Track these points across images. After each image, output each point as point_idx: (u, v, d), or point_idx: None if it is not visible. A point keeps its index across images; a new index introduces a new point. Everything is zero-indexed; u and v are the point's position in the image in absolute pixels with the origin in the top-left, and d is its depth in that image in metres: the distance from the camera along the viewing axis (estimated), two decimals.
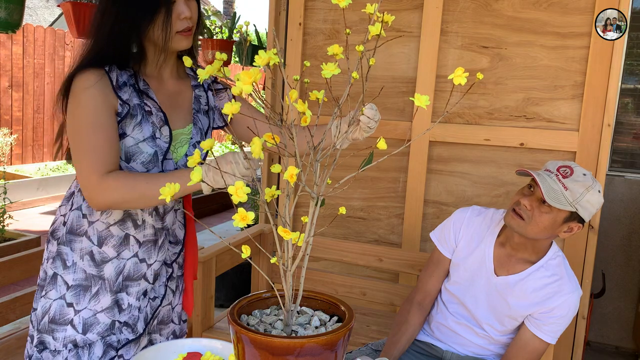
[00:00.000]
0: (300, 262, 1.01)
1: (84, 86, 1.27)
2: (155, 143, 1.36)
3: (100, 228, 1.38)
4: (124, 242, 1.40)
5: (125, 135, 1.33)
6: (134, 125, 1.33)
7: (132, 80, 1.35)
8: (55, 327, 1.36)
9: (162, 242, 1.46)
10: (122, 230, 1.39)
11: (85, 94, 1.27)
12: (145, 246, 1.42)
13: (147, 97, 1.37)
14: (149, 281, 1.45)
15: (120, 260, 1.40)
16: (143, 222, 1.41)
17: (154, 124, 1.36)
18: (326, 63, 0.95)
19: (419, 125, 2.42)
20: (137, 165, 1.35)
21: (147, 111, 1.36)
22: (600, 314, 3.27)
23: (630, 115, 3.39)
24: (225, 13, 16.33)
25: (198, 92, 1.51)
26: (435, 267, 1.76)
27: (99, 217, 1.37)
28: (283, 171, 0.94)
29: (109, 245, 1.38)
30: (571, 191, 1.46)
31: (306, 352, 0.93)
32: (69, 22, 2.99)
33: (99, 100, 1.28)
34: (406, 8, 2.46)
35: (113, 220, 1.38)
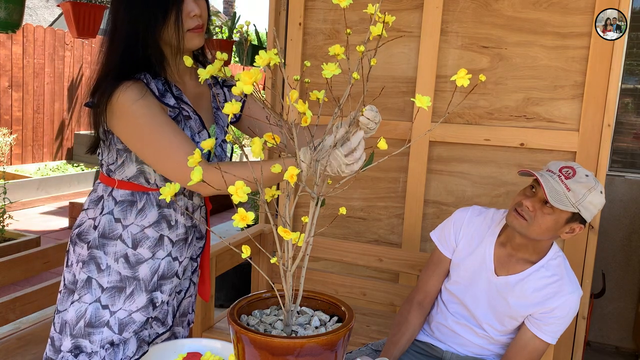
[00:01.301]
0: (300, 262, 1.01)
1: (132, 100, 1.27)
2: (197, 146, 1.37)
3: (134, 231, 1.39)
4: (158, 243, 1.41)
5: None
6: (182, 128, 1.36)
7: (166, 87, 1.36)
8: (92, 331, 1.36)
9: (191, 240, 1.49)
10: (157, 231, 1.41)
11: (136, 105, 1.27)
12: (177, 245, 1.45)
13: (182, 102, 1.39)
14: (179, 277, 1.48)
15: (155, 260, 1.41)
16: (176, 222, 1.44)
17: (192, 128, 1.39)
18: (326, 63, 0.95)
19: (420, 126, 2.42)
20: None
21: (185, 116, 1.38)
22: (600, 314, 3.27)
23: (630, 115, 3.39)
24: (225, 13, 16.34)
25: (216, 90, 1.54)
26: (435, 267, 1.76)
27: (134, 220, 1.39)
28: (283, 171, 0.94)
29: (144, 247, 1.40)
30: (574, 192, 1.46)
31: (306, 352, 0.93)
32: (69, 22, 3.00)
33: (153, 107, 1.29)
34: (406, 8, 2.45)
35: (148, 223, 1.40)
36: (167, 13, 1.31)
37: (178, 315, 1.56)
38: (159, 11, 1.31)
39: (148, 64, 1.34)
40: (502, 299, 1.62)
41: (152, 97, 1.30)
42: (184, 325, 1.60)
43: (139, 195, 1.40)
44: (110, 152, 1.39)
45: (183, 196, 1.44)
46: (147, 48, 1.33)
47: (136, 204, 1.40)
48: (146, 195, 1.40)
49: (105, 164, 1.41)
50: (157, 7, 1.31)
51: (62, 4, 2.98)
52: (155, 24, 1.31)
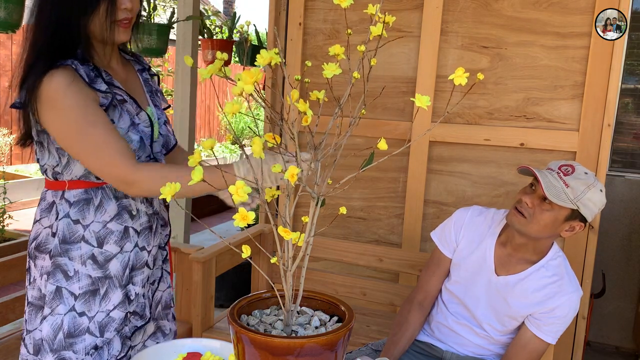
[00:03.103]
0: (300, 262, 1.01)
1: (61, 89, 1.22)
2: (138, 129, 1.35)
3: (97, 229, 1.35)
4: (124, 236, 1.38)
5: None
6: (117, 115, 1.31)
7: (95, 72, 1.30)
8: (74, 340, 1.33)
9: (156, 227, 1.47)
10: (120, 224, 1.37)
11: (66, 94, 1.22)
12: (143, 234, 1.42)
13: (114, 86, 1.34)
14: (150, 267, 1.46)
15: (124, 253, 1.38)
16: (137, 211, 1.40)
17: (129, 111, 1.35)
18: (326, 63, 0.95)
19: (419, 126, 2.42)
20: None
21: (119, 100, 1.33)
22: (600, 314, 3.27)
23: (630, 115, 3.39)
24: (225, 13, 16.34)
25: (145, 76, 1.51)
26: (435, 267, 1.76)
27: (94, 217, 1.35)
28: (283, 171, 0.94)
29: (110, 242, 1.36)
30: (572, 188, 1.46)
31: (306, 352, 0.93)
32: None
33: (83, 96, 1.24)
34: (406, 8, 2.45)
35: (109, 217, 1.36)
36: (98, 5, 1.27)
37: (160, 307, 1.54)
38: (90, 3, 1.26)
39: (75, 49, 1.29)
40: (502, 298, 1.62)
41: (83, 84, 1.25)
42: (169, 318, 1.58)
43: (93, 191, 1.35)
44: (50, 154, 1.33)
45: None
46: (76, 32, 1.28)
47: (92, 200, 1.35)
48: (101, 190, 1.35)
49: (50, 168, 1.35)
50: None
51: None
52: (85, 8, 1.26)
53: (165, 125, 1.48)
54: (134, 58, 1.51)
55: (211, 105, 10.77)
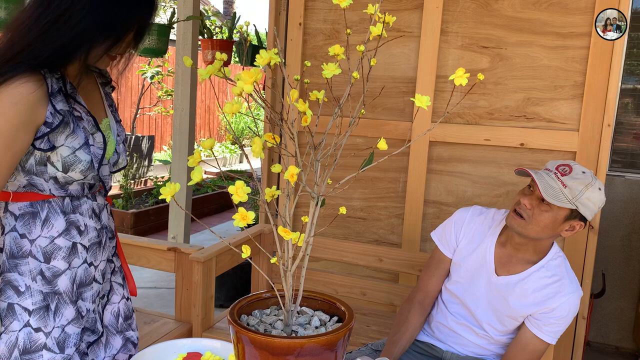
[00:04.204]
0: (300, 262, 1.01)
1: (15, 99, 1.14)
2: (90, 150, 1.28)
3: (43, 244, 1.29)
4: (72, 252, 1.32)
5: (56, 147, 1.23)
6: (67, 134, 1.24)
7: (60, 84, 1.24)
8: (30, 357, 1.27)
9: (105, 241, 1.42)
10: (69, 240, 1.31)
11: (14, 107, 1.14)
12: (91, 250, 1.37)
13: (74, 101, 1.28)
14: (99, 282, 1.42)
15: (72, 269, 1.33)
16: (86, 226, 1.35)
17: (86, 130, 1.28)
18: (326, 63, 0.95)
19: (419, 126, 2.43)
20: (75, 175, 1.26)
21: (77, 117, 1.27)
22: (600, 314, 3.27)
23: (630, 115, 3.39)
24: (225, 13, 16.34)
25: (107, 89, 1.47)
26: (436, 267, 1.76)
27: (40, 232, 1.28)
28: (283, 171, 0.94)
29: (57, 258, 1.30)
30: (570, 189, 1.46)
31: (306, 352, 0.93)
32: None
33: (25, 117, 1.16)
34: (406, 8, 2.46)
35: (57, 232, 1.30)
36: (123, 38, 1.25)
37: (122, 319, 1.50)
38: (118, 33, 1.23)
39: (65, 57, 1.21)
40: (502, 299, 1.62)
41: (39, 99, 1.17)
42: (132, 327, 1.54)
43: (39, 204, 1.28)
44: None
45: (87, 199, 1.34)
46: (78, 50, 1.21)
47: (39, 214, 1.28)
48: (47, 204, 1.29)
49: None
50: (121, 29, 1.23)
51: None
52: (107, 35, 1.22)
53: (122, 144, 1.42)
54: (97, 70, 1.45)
55: (211, 105, 10.77)
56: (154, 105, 8.97)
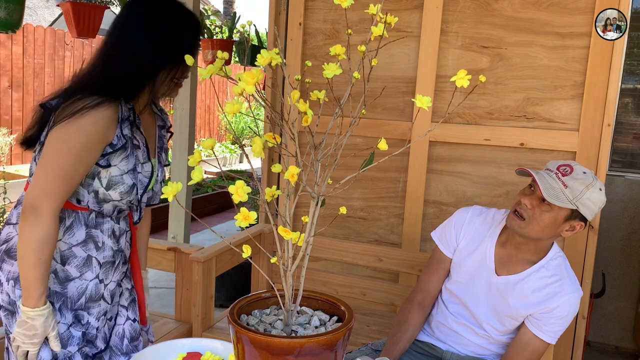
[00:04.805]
0: (300, 262, 1.01)
1: (96, 120, 1.30)
2: (136, 176, 1.41)
3: (62, 248, 1.40)
4: (86, 263, 1.42)
5: (110, 166, 1.37)
6: (122, 157, 1.38)
7: (130, 114, 1.41)
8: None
9: (118, 264, 1.50)
10: (85, 251, 1.42)
11: (93, 126, 1.30)
12: (104, 267, 1.46)
13: (138, 130, 1.43)
14: (108, 301, 1.49)
15: (83, 281, 1.43)
16: (103, 244, 1.44)
17: (138, 158, 1.43)
18: (327, 63, 0.95)
19: (420, 126, 2.42)
20: (114, 194, 1.39)
21: (134, 145, 1.42)
22: (600, 314, 3.27)
23: (630, 115, 3.39)
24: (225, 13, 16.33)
25: (162, 132, 1.61)
26: (436, 267, 1.76)
27: (61, 237, 1.39)
28: (283, 171, 0.94)
29: (72, 265, 1.41)
30: (571, 189, 1.46)
31: (306, 352, 0.93)
32: (69, 22, 3.00)
33: (100, 136, 1.32)
34: (406, 8, 2.46)
35: (76, 241, 1.41)
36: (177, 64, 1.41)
37: (127, 341, 1.55)
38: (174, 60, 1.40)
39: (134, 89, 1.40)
40: (502, 298, 1.62)
41: (112, 123, 1.34)
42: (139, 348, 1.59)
43: (67, 212, 1.39)
44: None
45: (110, 219, 1.45)
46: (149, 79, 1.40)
47: (64, 221, 1.39)
48: (75, 214, 1.40)
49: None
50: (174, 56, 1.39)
51: (62, 4, 2.98)
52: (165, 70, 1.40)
53: (160, 183, 1.56)
54: (160, 113, 1.61)
55: (211, 105, 10.77)
56: None
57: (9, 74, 7.16)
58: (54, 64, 7.78)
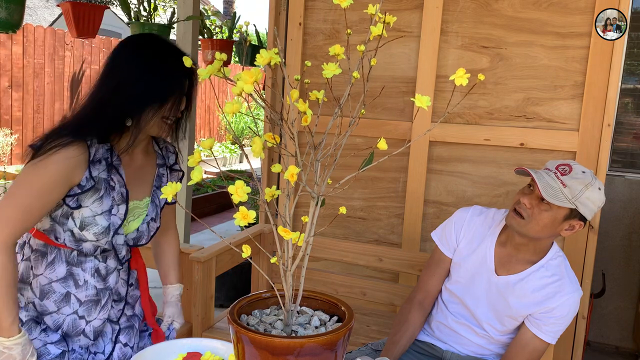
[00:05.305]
0: (300, 262, 1.01)
1: (60, 159, 1.31)
2: (110, 218, 1.41)
3: (43, 282, 1.42)
4: (65, 299, 1.43)
5: (81, 207, 1.37)
6: (94, 199, 1.38)
7: (107, 155, 1.40)
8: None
9: (105, 302, 1.49)
10: (64, 287, 1.43)
11: (56, 165, 1.30)
12: (86, 305, 1.46)
13: (116, 172, 1.42)
14: (89, 338, 1.48)
15: (60, 315, 1.44)
16: (85, 282, 1.45)
17: (114, 199, 1.41)
18: (326, 63, 0.95)
19: (419, 126, 2.42)
20: (89, 235, 1.39)
21: (111, 186, 1.41)
22: (600, 314, 3.27)
23: (630, 115, 3.39)
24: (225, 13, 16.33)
25: (162, 171, 1.58)
26: (436, 267, 1.76)
27: (43, 271, 1.42)
28: (283, 171, 0.94)
29: (50, 299, 1.43)
30: (570, 188, 1.46)
31: (306, 352, 0.93)
32: (69, 22, 3.00)
33: (63, 176, 1.32)
34: (406, 8, 2.45)
35: (56, 277, 1.42)
36: (165, 104, 1.38)
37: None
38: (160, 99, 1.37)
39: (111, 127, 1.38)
40: (502, 298, 1.62)
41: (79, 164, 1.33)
42: None
43: (50, 248, 1.42)
44: None
45: (94, 258, 1.45)
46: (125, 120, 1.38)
47: (47, 256, 1.42)
48: (57, 250, 1.42)
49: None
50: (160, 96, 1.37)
51: (62, 4, 2.98)
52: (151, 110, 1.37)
53: (150, 222, 1.54)
54: (161, 152, 1.60)
55: (211, 105, 10.77)
56: None
57: (9, 74, 7.17)
58: (54, 64, 7.78)
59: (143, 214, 1.52)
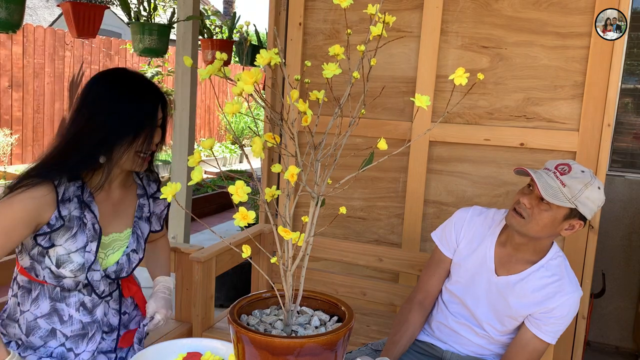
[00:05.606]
0: (300, 262, 1.01)
1: (24, 199, 1.32)
2: (84, 255, 1.41)
3: (29, 319, 1.44)
4: (50, 334, 1.45)
5: (54, 246, 1.39)
6: (68, 237, 1.39)
7: (79, 192, 1.40)
8: None
9: (92, 334, 1.49)
10: (48, 324, 1.44)
11: (22, 203, 1.32)
12: (72, 339, 1.47)
13: (88, 209, 1.42)
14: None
15: (47, 348, 1.45)
16: (70, 317, 1.45)
17: (87, 235, 1.42)
18: (326, 63, 0.95)
19: (419, 126, 2.42)
20: (66, 272, 1.40)
21: (84, 223, 1.41)
22: (600, 314, 3.27)
23: (630, 115, 3.39)
24: (225, 13, 16.33)
25: (142, 201, 1.59)
26: (436, 267, 1.76)
27: (29, 307, 1.44)
28: (283, 171, 0.94)
29: (35, 335, 1.44)
30: (569, 188, 1.46)
31: (306, 352, 0.93)
32: (69, 22, 2.99)
33: (27, 216, 1.33)
34: (406, 8, 2.45)
35: (40, 313, 1.44)
36: (136, 139, 1.39)
37: None
38: (131, 130, 1.37)
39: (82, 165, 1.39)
40: (502, 298, 1.62)
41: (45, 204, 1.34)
42: None
43: (34, 284, 1.44)
44: None
45: (78, 292, 1.46)
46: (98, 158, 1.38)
47: (31, 292, 1.44)
48: (40, 286, 1.44)
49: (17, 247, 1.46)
50: (131, 132, 1.37)
51: (62, 4, 2.98)
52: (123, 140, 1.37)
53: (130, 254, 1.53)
54: (142, 183, 1.60)
55: (211, 105, 10.77)
56: None
57: (9, 74, 7.17)
58: (54, 64, 7.78)
59: (123, 246, 1.53)
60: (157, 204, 1.64)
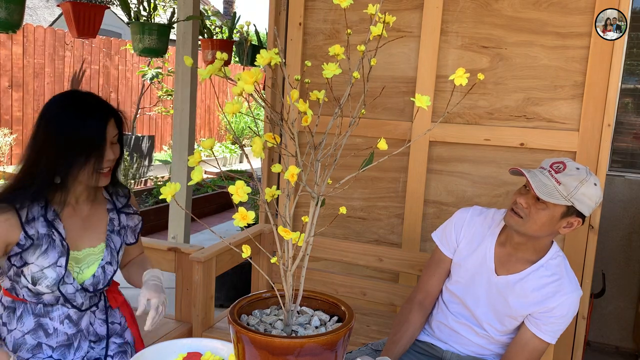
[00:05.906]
0: (300, 262, 1.01)
1: None
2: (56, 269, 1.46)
3: (17, 336, 1.49)
4: (36, 348, 1.50)
5: (28, 264, 1.44)
6: (39, 254, 1.45)
7: (43, 212, 1.45)
8: None
9: (78, 344, 1.54)
10: (35, 339, 1.49)
11: None
12: (59, 350, 1.52)
13: (53, 227, 1.47)
14: None
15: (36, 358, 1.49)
16: (55, 330, 1.50)
17: (57, 252, 1.47)
18: (326, 63, 0.95)
19: (419, 126, 2.42)
20: (42, 288, 1.45)
21: (53, 239, 1.46)
22: (600, 314, 3.27)
23: (630, 115, 3.39)
24: (225, 13, 16.33)
25: (112, 215, 1.63)
26: (436, 267, 1.76)
27: (15, 326, 1.49)
28: (283, 171, 0.94)
29: (23, 350, 1.49)
30: (564, 185, 1.46)
31: (306, 352, 0.93)
32: (69, 22, 2.99)
33: None
34: (406, 8, 2.45)
35: (26, 330, 1.49)
36: (89, 156, 1.43)
37: None
38: (82, 153, 1.42)
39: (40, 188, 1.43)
40: (502, 298, 1.62)
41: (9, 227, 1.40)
42: None
43: (17, 303, 1.50)
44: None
45: (60, 305, 1.51)
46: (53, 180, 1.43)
47: (15, 311, 1.50)
48: (23, 304, 1.50)
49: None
50: (81, 150, 1.42)
51: (62, 4, 2.98)
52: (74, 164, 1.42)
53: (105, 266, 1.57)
54: (110, 198, 1.65)
55: (211, 105, 10.77)
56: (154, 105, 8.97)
57: (9, 74, 7.16)
58: (54, 64, 7.78)
59: (98, 260, 1.57)
60: (131, 218, 1.69)
